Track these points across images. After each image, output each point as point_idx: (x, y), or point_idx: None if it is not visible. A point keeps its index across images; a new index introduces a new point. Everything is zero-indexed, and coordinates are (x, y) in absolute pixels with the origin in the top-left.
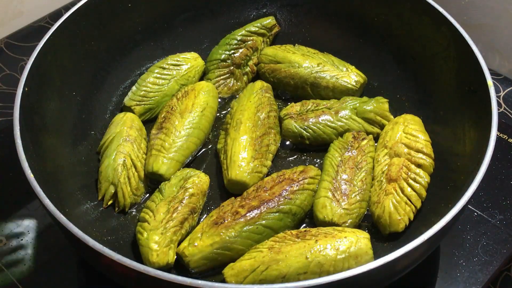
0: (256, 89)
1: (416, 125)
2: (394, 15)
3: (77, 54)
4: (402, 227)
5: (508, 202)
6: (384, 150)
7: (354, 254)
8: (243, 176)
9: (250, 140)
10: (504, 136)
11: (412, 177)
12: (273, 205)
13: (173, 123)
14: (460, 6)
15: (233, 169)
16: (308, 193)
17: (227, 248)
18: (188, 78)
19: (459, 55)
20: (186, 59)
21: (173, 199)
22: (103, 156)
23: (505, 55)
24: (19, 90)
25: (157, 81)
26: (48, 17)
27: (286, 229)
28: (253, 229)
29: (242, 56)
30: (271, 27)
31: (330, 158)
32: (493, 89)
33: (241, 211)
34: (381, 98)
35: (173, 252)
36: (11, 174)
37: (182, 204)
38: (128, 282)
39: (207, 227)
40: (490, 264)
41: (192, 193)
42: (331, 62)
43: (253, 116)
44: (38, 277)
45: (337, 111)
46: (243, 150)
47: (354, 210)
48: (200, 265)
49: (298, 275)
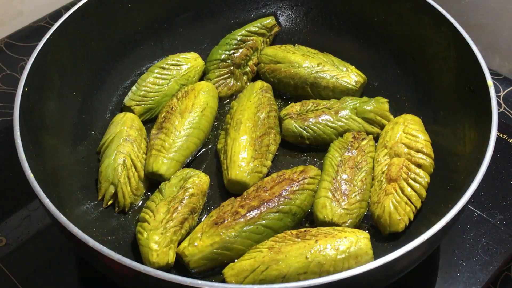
0: (256, 89)
1: (416, 125)
2: (394, 15)
3: (77, 54)
4: (402, 227)
5: (508, 202)
6: (384, 150)
7: (354, 254)
8: (243, 176)
9: (250, 140)
10: (504, 136)
11: (412, 177)
12: (273, 205)
13: (173, 123)
14: (460, 6)
15: (233, 169)
16: (308, 193)
17: (227, 248)
18: (188, 78)
19: (459, 55)
20: (186, 59)
21: (173, 199)
22: (103, 156)
23: (505, 55)
24: (19, 90)
25: (157, 81)
26: (48, 17)
27: (286, 229)
28: (253, 229)
29: (242, 56)
30: (271, 27)
31: (330, 158)
32: (493, 89)
33: (241, 211)
34: (381, 98)
35: (173, 252)
36: (11, 174)
37: (182, 204)
38: (128, 282)
39: (207, 227)
40: (490, 264)
41: (192, 193)
42: (331, 62)
43: (253, 116)
44: (38, 277)
45: (337, 111)
46: (243, 150)
47: (354, 210)
48: (200, 265)
49: (298, 275)
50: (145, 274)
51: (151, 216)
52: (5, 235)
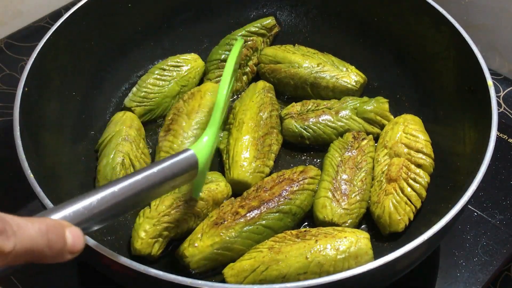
0: (258, 89)
1: (416, 125)
2: (394, 15)
3: (77, 54)
4: (402, 227)
5: (508, 202)
6: (384, 150)
7: (354, 254)
8: (245, 176)
9: (253, 140)
10: (504, 136)
11: (412, 177)
12: (273, 205)
13: (180, 125)
14: (460, 6)
15: (235, 169)
16: (308, 193)
17: (227, 249)
18: (188, 79)
19: (459, 55)
20: (187, 60)
21: (182, 196)
22: (101, 155)
23: (505, 55)
24: (19, 90)
25: (158, 82)
26: (48, 17)
27: (286, 229)
28: (253, 229)
29: (242, 56)
30: (271, 27)
31: (330, 158)
32: (493, 89)
33: (241, 211)
34: (381, 98)
35: (160, 246)
36: (11, 174)
37: (187, 205)
38: (128, 282)
39: (207, 227)
40: (490, 264)
41: (202, 197)
42: (331, 62)
43: (255, 116)
44: (38, 277)
45: (337, 111)
46: (245, 150)
47: (354, 210)
48: (200, 266)
49: (298, 275)
50: (145, 274)
51: (155, 205)
52: None
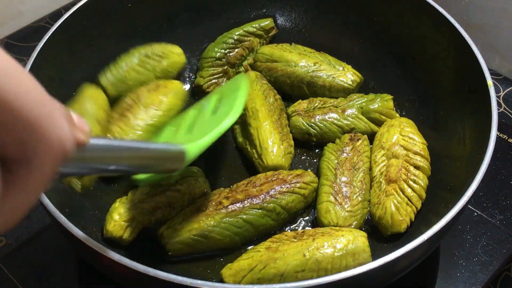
0: (253, 78)
1: (412, 128)
2: (394, 15)
3: (77, 54)
4: (404, 228)
5: (508, 202)
6: (381, 151)
7: (352, 251)
8: (280, 160)
9: (272, 124)
10: (504, 136)
11: (412, 178)
12: (258, 201)
13: (135, 115)
14: (460, 6)
15: (267, 156)
16: (296, 197)
17: (204, 236)
18: (167, 73)
19: (459, 55)
20: (171, 54)
21: (159, 186)
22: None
23: (505, 55)
24: None
25: (138, 69)
26: (48, 17)
27: (267, 227)
28: (233, 221)
29: (237, 56)
30: (269, 29)
31: (326, 162)
32: (493, 89)
33: (224, 202)
34: (386, 95)
35: (132, 231)
36: None
37: (163, 194)
38: (128, 282)
39: (189, 213)
40: (490, 264)
41: (178, 189)
42: (328, 61)
43: (265, 102)
44: (38, 277)
45: (344, 110)
46: (270, 136)
47: (358, 211)
48: (177, 249)
49: (296, 273)
50: (145, 274)
51: (135, 192)
52: (5, 235)
